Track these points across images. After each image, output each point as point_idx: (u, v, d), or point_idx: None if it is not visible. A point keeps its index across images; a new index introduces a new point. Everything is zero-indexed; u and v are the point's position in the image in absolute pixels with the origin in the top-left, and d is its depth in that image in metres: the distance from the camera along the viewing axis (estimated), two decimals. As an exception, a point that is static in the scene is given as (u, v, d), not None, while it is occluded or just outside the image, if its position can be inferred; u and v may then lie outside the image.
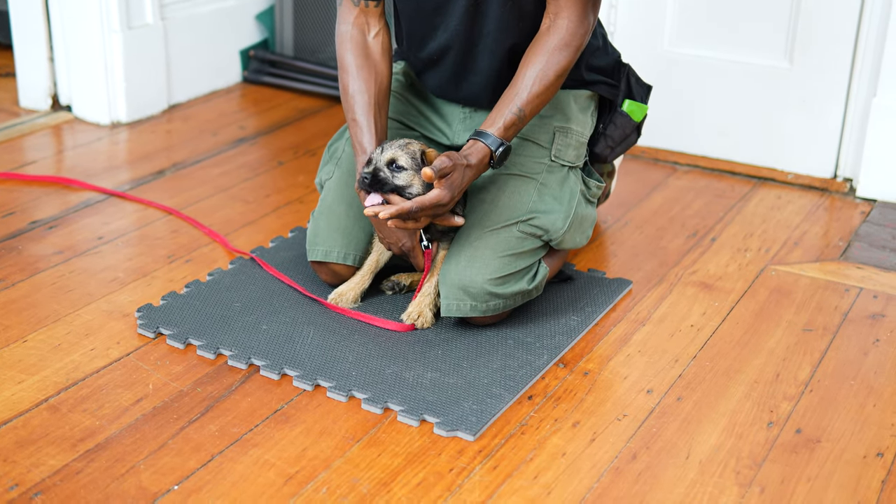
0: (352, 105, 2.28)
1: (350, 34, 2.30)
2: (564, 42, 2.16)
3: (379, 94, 2.29)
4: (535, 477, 1.89)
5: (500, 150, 2.16)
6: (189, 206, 2.89)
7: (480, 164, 2.16)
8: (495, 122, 2.16)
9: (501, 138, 2.16)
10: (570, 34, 2.16)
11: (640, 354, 2.28)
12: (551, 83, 2.18)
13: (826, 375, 2.22)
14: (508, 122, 2.16)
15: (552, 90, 2.19)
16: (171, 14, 3.57)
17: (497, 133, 2.16)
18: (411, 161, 2.18)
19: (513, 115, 2.16)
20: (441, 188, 2.10)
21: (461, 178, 2.13)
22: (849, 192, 3.12)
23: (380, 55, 2.31)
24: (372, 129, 2.26)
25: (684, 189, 3.11)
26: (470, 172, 2.14)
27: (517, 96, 2.16)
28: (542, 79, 2.16)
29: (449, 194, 2.11)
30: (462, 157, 2.13)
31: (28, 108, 3.51)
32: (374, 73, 2.29)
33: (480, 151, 2.15)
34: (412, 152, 2.18)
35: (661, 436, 2.01)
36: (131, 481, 1.84)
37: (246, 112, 3.63)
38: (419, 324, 2.28)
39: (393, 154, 2.18)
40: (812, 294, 2.54)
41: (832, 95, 3.11)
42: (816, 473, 1.92)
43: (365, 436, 1.98)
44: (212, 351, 2.20)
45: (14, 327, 2.28)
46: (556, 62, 2.16)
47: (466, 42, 2.27)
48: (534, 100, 2.17)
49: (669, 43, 3.28)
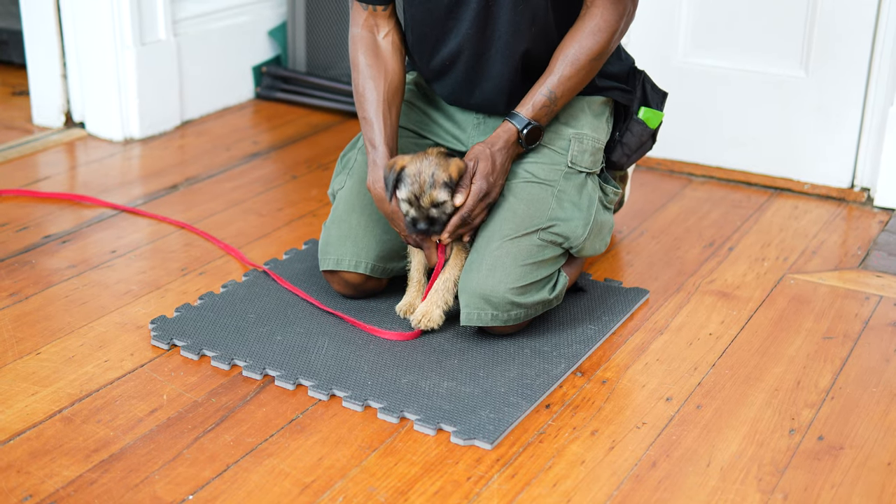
0: (363, 103, 2.29)
1: (360, 35, 2.32)
2: (598, 27, 2.21)
3: (389, 91, 2.30)
4: (554, 485, 1.87)
5: (527, 129, 2.22)
6: (202, 219, 2.88)
7: (508, 142, 2.23)
8: (525, 104, 2.23)
9: (530, 118, 2.22)
10: (603, 20, 2.20)
11: (659, 363, 2.25)
12: (583, 66, 2.22)
13: (848, 383, 2.19)
14: (539, 104, 2.22)
15: (585, 73, 2.23)
16: (183, 30, 3.57)
17: (526, 113, 2.23)
18: (446, 191, 2.17)
19: (543, 97, 2.22)
20: (475, 182, 2.18)
21: (491, 164, 2.20)
22: (866, 201, 3.09)
23: (390, 54, 2.32)
24: (382, 125, 2.27)
25: (700, 200, 3.09)
26: (501, 155, 2.22)
27: (549, 79, 2.22)
28: (574, 62, 2.21)
29: (484, 183, 2.19)
30: (486, 145, 2.21)
31: (41, 126, 3.51)
32: (384, 72, 2.30)
33: (507, 131, 2.23)
34: (440, 181, 2.17)
35: (681, 443, 1.99)
36: (146, 492, 1.82)
37: (259, 128, 3.62)
38: (424, 323, 2.26)
39: (434, 195, 2.16)
40: (831, 302, 2.51)
41: (849, 104, 3.09)
42: (840, 480, 1.89)
43: (381, 445, 1.96)
44: (226, 362, 2.19)
45: (28, 340, 2.27)
46: (588, 46, 2.21)
47: (478, 47, 2.26)
48: (565, 82, 2.22)
49: (684, 53, 3.27)
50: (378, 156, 2.26)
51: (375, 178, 2.25)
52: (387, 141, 2.27)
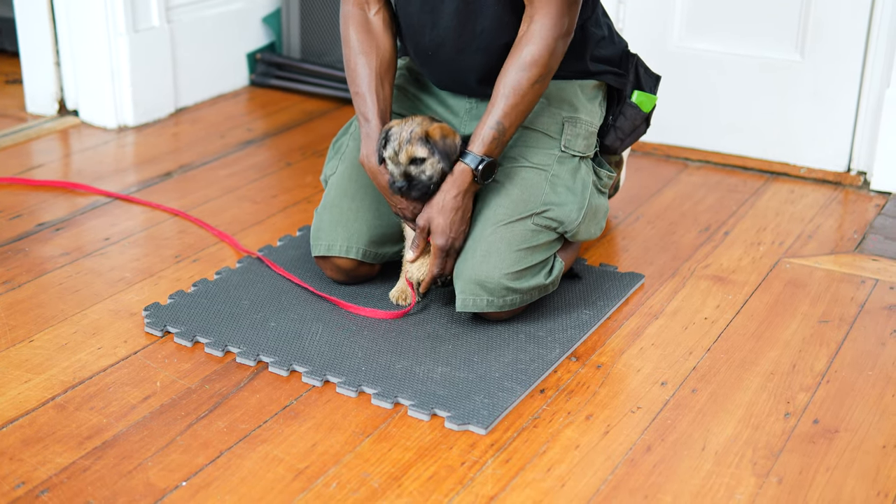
0: (355, 78, 2.29)
1: (351, 12, 2.32)
2: (538, 54, 2.14)
3: (381, 66, 2.29)
4: (548, 469, 1.86)
5: (480, 165, 2.18)
6: (197, 207, 2.87)
7: (463, 185, 2.20)
8: (475, 141, 2.19)
9: (483, 154, 2.18)
10: (543, 42, 2.14)
11: (654, 347, 2.25)
12: (526, 92, 2.17)
13: (843, 366, 2.19)
14: (488, 138, 2.18)
15: (531, 98, 2.18)
16: (177, 17, 3.55)
17: (477, 151, 2.18)
18: (424, 147, 2.17)
19: (492, 131, 2.18)
20: (435, 240, 2.21)
21: (446, 219, 2.20)
22: (863, 185, 3.08)
23: (381, 30, 2.31)
24: (375, 99, 2.26)
25: (696, 184, 3.08)
26: (456, 201, 2.20)
27: (494, 111, 2.18)
28: (517, 90, 2.16)
29: (443, 239, 2.21)
30: (440, 196, 2.20)
31: (35, 114, 3.49)
32: (375, 47, 2.29)
33: (462, 173, 2.19)
34: (416, 136, 2.18)
35: (676, 427, 1.98)
36: (139, 478, 1.81)
37: (253, 115, 3.61)
38: (401, 300, 2.33)
39: (410, 150, 2.17)
40: (827, 286, 2.51)
41: (845, 88, 3.07)
42: (835, 463, 1.89)
43: (375, 430, 1.96)
44: (220, 348, 2.18)
45: (20, 327, 2.26)
46: (528, 75, 2.16)
47: (459, 40, 2.25)
48: (511, 111, 2.17)
49: (679, 38, 3.25)
50: (371, 129, 2.25)
51: (369, 151, 2.25)
52: (380, 115, 2.26)
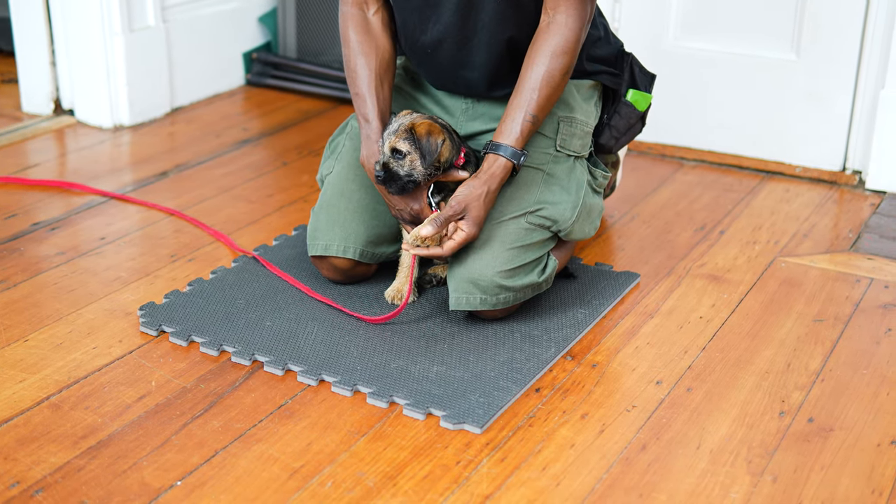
0: (354, 79, 2.28)
1: (350, 13, 2.31)
2: (567, 42, 2.15)
3: (380, 66, 2.29)
4: (543, 468, 1.86)
5: (522, 160, 2.19)
6: (192, 206, 2.86)
7: (503, 179, 2.19)
8: (513, 132, 2.17)
9: (522, 149, 2.18)
10: (570, 31, 2.15)
11: (649, 346, 2.25)
12: (558, 84, 2.18)
13: (838, 365, 2.19)
14: (526, 131, 2.17)
15: (560, 90, 2.20)
16: (172, 16, 3.55)
17: (516, 144, 2.17)
18: (406, 142, 2.17)
19: (528, 123, 2.17)
20: (465, 228, 2.16)
21: (482, 210, 2.17)
22: (858, 184, 3.08)
23: (380, 30, 2.31)
24: (374, 100, 2.26)
25: (691, 184, 3.08)
26: (493, 195, 2.18)
27: (528, 102, 2.16)
28: (549, 81, 2.16)
29: (476, 229, 2.17)
30: (481, 184, 2.16)
31: (31, 113, 3.49)
32: (374, 47, 2.29)
33: (503, 168, 2.18)
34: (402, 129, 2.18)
35: (670, 426, 1.98)
36: (134, 478, 1.81)
37: (249, 114, 3.61)
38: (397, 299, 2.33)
39: (392, 142, 2.17)
40: (822, 285, 2.51)
41: (840, 87, 3.08)
42: (830, 462, 1.89)
43: (370, 430, 1.96)
44: (215, 348, 2.18)
45: (15, 327, 2.26)
46: (560, 64, 2.16)
47: (460, 36, 2.24)
48: (544, 103, 2.18)
49: (675, 37, 3.25)
50: (371, 130, 2.25)
51: (370, 152, 2.25)
52: (380, 115, 2.26)
